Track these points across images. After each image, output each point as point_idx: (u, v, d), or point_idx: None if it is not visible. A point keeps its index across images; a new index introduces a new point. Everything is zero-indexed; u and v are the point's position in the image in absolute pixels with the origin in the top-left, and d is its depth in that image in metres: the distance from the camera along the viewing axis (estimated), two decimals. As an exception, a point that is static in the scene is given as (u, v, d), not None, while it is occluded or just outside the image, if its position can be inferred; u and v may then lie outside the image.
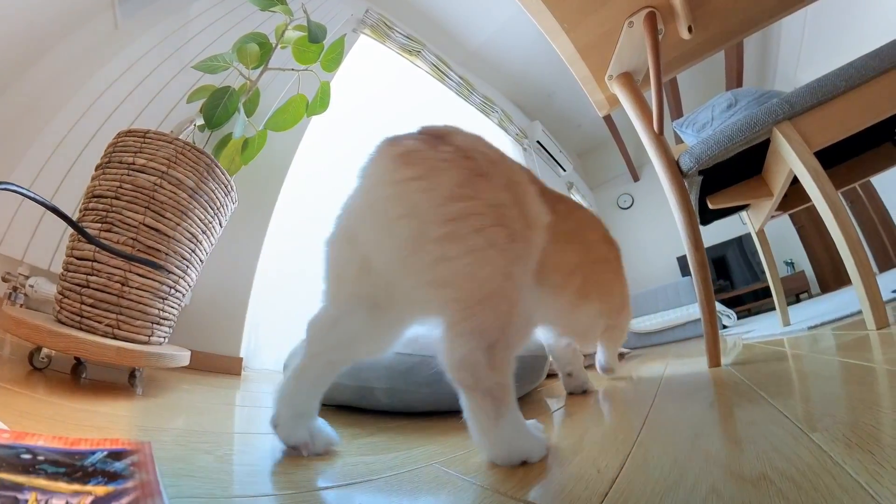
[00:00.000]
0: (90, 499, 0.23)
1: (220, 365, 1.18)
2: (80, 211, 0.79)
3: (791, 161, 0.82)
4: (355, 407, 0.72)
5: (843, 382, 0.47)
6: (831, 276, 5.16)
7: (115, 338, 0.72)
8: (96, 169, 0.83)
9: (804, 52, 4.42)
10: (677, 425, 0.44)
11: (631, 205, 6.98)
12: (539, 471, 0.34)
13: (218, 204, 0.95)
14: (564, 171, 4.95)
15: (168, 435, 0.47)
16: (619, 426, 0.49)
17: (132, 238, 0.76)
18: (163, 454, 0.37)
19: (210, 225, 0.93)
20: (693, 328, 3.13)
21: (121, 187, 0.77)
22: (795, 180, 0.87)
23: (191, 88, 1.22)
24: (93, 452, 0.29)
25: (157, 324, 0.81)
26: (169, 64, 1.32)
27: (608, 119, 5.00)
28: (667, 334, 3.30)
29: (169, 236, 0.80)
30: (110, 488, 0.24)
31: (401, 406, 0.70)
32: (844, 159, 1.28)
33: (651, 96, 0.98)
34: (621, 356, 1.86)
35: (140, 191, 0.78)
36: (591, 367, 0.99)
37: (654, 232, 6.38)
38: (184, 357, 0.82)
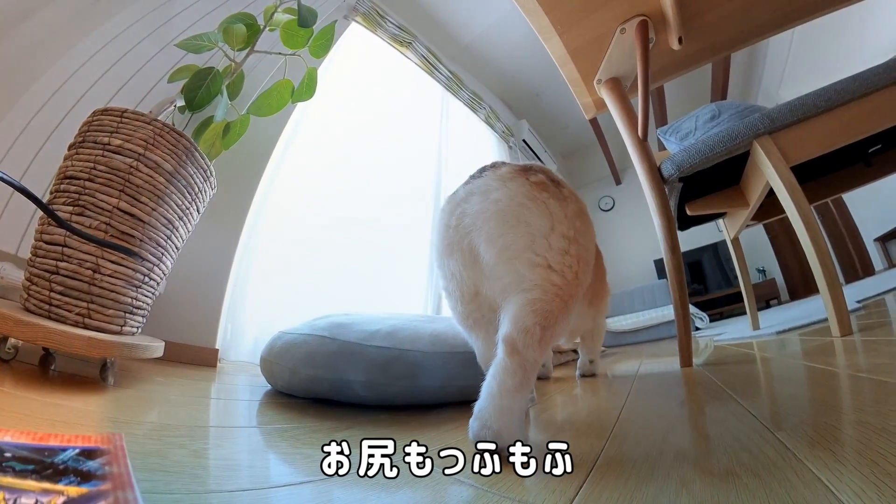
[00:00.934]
0: (62, 499, 0.22)
1: (195, 356, 1.15)
2: (51, 193, 0.75)
3: (768, 174, 0.86)
4: (333, 400, 0.72)
5: (807, 385, 0.50)
6: (800, 285, 5.44)
7: (85, 327, 0.69)
8: (69, 148, 0.78)
9: (788, 71, 4.60)
10: (650, 422, 0.46)
11: (612, 207, 7.11)
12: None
13: (196, 189, 0.92)
14: (549, 170, 5.01)
15: (141, 428, 0.45)
16: (594, 421, 0.51)
17: (105, 223, 0.72)
18: (136, 448, 0.36)
19: (187, 211, 0.90)
20: (667, 329, 3.23)
21: (95, 169, 0.73)
22: (771, 192, 0.90)
23: (172, 67, 1.17)
24: (64, 449, 0.27)
25: (130, 313, 0.78)
26: (151, 40, 1.26)
27: (594, 122, 5.07)
28: (642, 334, 3.41)
29: (144, 222, 0.77)
30: (84, 489, 0.23)
31: (379, 399, 0.70)
32: (819, 175, 1.34)
33: (637, 103, 1.00)
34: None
35: (115, 173, 0.74)
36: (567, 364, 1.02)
37: (633, 234, 6.53)
38: (158, 348, 0.80)
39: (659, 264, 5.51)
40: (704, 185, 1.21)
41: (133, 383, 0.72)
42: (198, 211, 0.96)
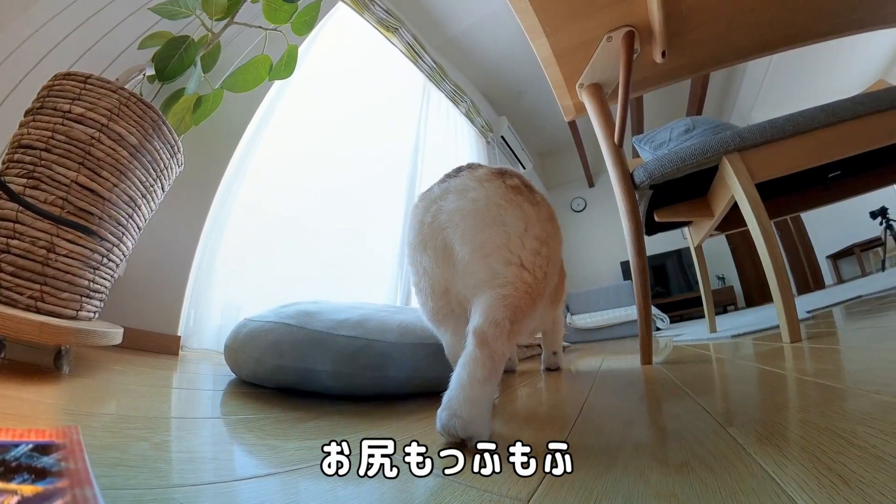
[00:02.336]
0: (16, 499, 0.21)
1: (155, 344, 1.09)
2: (3, 163, 0.70)
3: (734, 189, 0.90)
4: (299, 390, 0.71)
5: (758, 385, 0.53)
6: (756, 293, 5.85)
7: (38, 311, 0.65)
8: (25, 115, 0.73)
9: (762, 95, 4.89)
10: (611, 415, 0.48)
11: (583, 208, 7.30)
12: (480, 454, 0.36)
13: (162, 166, 0.87)
14: (524, 168, 5.05)
15: (99, 421, 0.43)
16: (557, 414, 0.53)
17: (62, 198, 0.67)
18: (94, 442, 0.35)
19: (151, 188, 0.85)
20: (629, 328, 3.37)
21: (53, 138, 0.68)
22: (735, 206, 0.95)
23: (144, 33, 1.09)
24: (16, 445, 0.26)
25: (87, 297, 0.73)
26: (122, 2, 1.17)
27: (572, 125, 5.15)
28: (605, 332, 3.53)
29: (104, 198, 0.72)
30: (39, 488, 0.22)
31: (345, 390, 0.69)
32: (781, 194, 1.43)
33: (616, 109, 1.03)
34: (563, 349, 1.98)
35: (75, 144, 0.69)
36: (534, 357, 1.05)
37: (602, 236, 6.74)
38: (116, 334, 0.76)
39: (625, 266, 5.74)
40: (673, 194, 1.27)
41: (90, 372, 0.68)
42: (162, 189, 0.91)
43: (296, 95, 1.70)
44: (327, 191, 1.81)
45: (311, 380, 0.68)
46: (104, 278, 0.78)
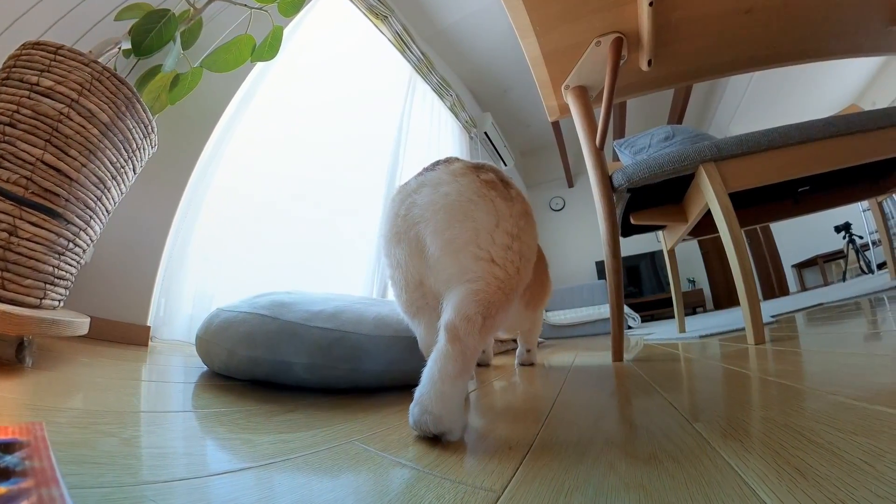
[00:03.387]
0: (-22, 501, 0.20)
1: (124, 334, 1.05)
2: (-41, 136, 0.65)
3: (708, 197, 0.94)
4: (272, 382, 0.70)
5: (723, 384, 0.56)
6: (724, 297, 6.14)
7: (-2, 298, 0.61)
8: (-13, 85, 0.68)
9: (741, 109, 5.12)
10: (582, 410, 0.49)
11: (562, 208, 7.42)
12: (454, 448, 0.37)
13: (134, 146, 0.83)
14: (506, 165, 5.08)
15: (65, 416, 0.41)
16: (530, 408, 0.53)
17: (26, 177, 0.64)
18: (60, 438, 0.34)
19: (122, 170, 0.82)
20: (602, 326, 3.46)
21: (18, 112, 0.64)
22: (708, 213, 0.99)
23: (122, 4, 1.04)
24: (-24, 444, 0.25)
25: (52, 284, 0.69)
26: None
27: (556, 125, 5.22)
28: (579, 329, 3.61)
29: (72, 178, 0.69)
30: (2, 489, 0.21)
31: (320, 382, 0.69)
32: (752, 204, 1.50)
33: (600, 113, 1.04)
34: (538, 344, 2.04)
35: (42, 119, 0.65)
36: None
37: (579, 236, 6.88)
38: (82, 324, 0.72)
39: (600, 265, 5.90)
40: (650, 198, 1.30)
41: (54, 365, 0.65)
42: (134, 171, 0.87)
43: (278, 79, 1.65)
44: (306, 178, 1.77)
45: (285, 372, 0.67)
46: (70, 264, 0.74)
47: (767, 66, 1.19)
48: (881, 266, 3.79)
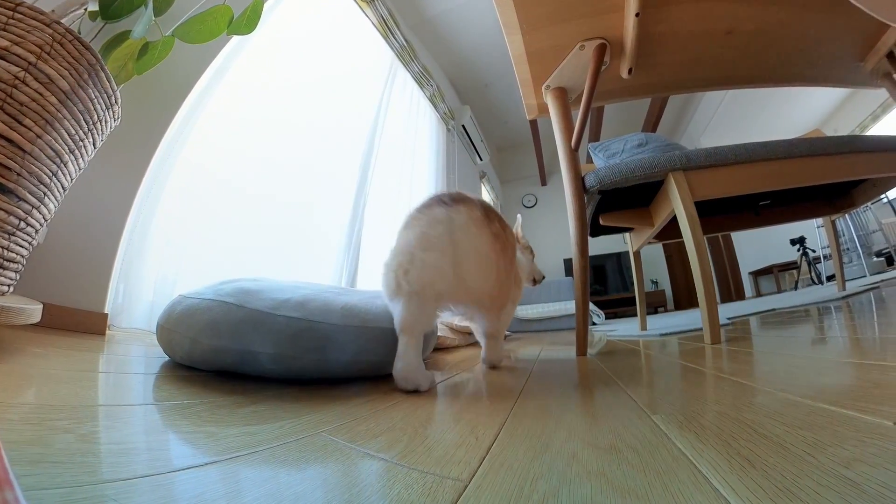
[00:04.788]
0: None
1: (79, 322, 0.98)
2: None
3: (675, 203, 0.98)
4: (237, 373, 0.68)
5: (680, 379, 0.58)
6: (684, 298, 6.48)
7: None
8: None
9: (713, 124, 5.40)
10: (546, 401, 0.50)
11: (534, 205, 7.54)
12: (422, 438, 0.37)
13: (96, 117, 0.78)
14: (481, 160, 5.10)
15: (16, 412, 0.38)
16: (497, 399, 0.54)
17: (-29, 144, 0.58)
18: (11, 437, 0.31)
19: (81, 143, 0.76)
20: (567, 321, 3.57)
21: (-36, 73, 0.58)
22: (674, 218, 1.03)
23: None
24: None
25: (1, 267, 0.64)
26: None
27: (533, 124, 5.29)
28: (545, 323, 3.71)
29: (25, 151, 0.63)
30: None
31: (287, 373, 0.67)
32: (716, 213, 1.58)
33: (577, 115, 1.06)
34: (505, 338, 2.10)
35: (-8, 82, 0.60)
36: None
37: (549, 233, 7.02)
38: (34, 311, 0.67)
39: (568, 263, 6.07)
40: (620, 201, 1.34)
41: (3, 356, 0.60)
42: (94, 144, 0.82)
43: (254, 55, 1.58)
44: (277, 161, 1.70)
45: (250, 362, 0.65)
46: (21, 245, 0.68)
47: (742, 86, 1.26)
48: (830, 278, 4.14)
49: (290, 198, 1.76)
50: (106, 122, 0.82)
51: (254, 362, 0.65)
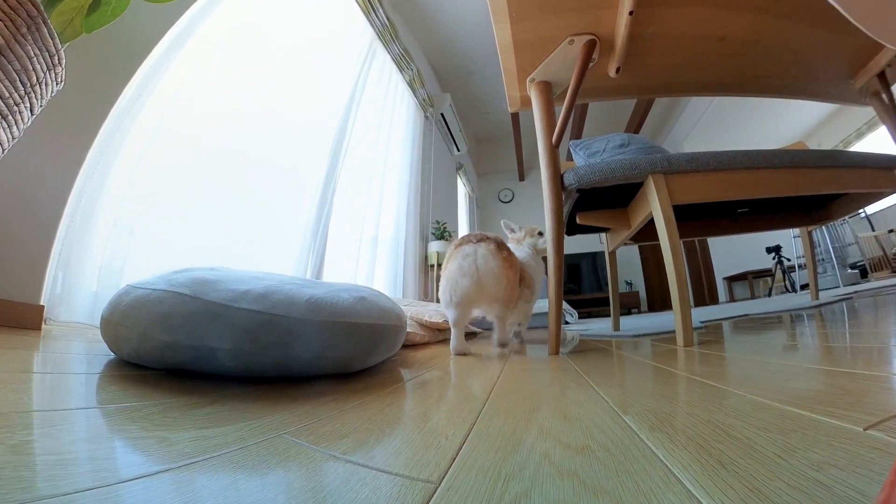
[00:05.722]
0: None
1: (11, 315, 0.91)
2: None
3: (653, 205, 1.01)
4: (192, 371, 0.65)
5: (652, 381, 0.60)
6: (658, 300, 6.76)
7: None
8: None
9: (696, 129, 5.61)
10: (517, 401, 0.51)
11: (511, 200, 7.63)
12: (390, 438, 0.37)
13: (35, 79, 0.72)
14: (458, 150, 5.10)
15: None
16: (466, 399, 0.55)
17: None
18: None
19: (16, 108, 0.70)
20: (541, 319, 3.62)
21: None
22: (651, 221, 1.06)
23: None
24: None
25: None
26: None
27: (514, 117, 5.32)
28: (519, 321, 3.77)
29: (-53, 109, 0.58)
30: None
31: (246, 370, 0.65)
32: (693, 218, 1.65)
33: (560, 111, 1.08)
34: (474, 335, 2.27)
35: None
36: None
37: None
38: None
39: (542, 261, 6.20)
40: (598, 200, 1.38)
41: None
42: (31, 110, 0.75)
43: (222, 22, 1.50)
44: (242, 141, 1.64)
45: (206, 359, 0.63)
46: None
47: (729, 94, 1.30)
48: (804, 287, 4.41)
49: (254, 181, 1.69)
50: (47, 84, 0.76)
51: (210, 359, 0.63)
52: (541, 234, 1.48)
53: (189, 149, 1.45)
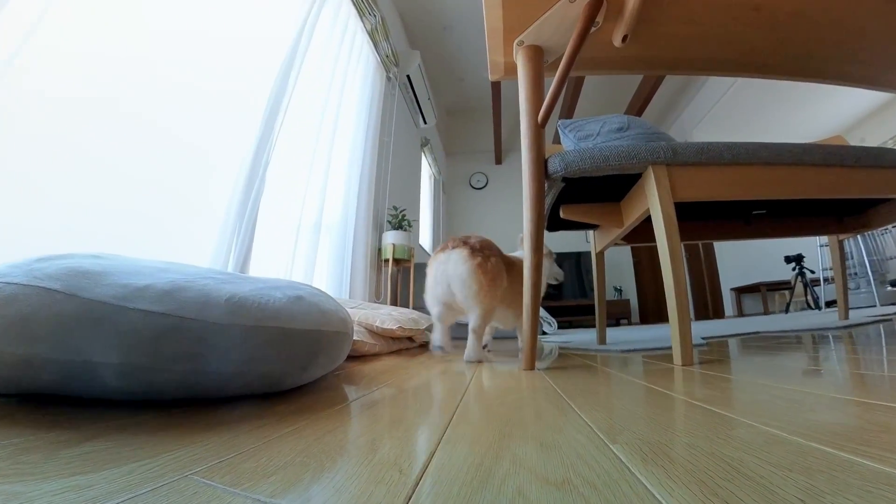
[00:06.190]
0: None
1: None
2: None
3: (652, 202, 1.04)
4: (64, 396, 0.60)
5: (644, 404, 0.61)
6: (652, 312, 7.02)
7: None
8: None
9: (711, 115, 5.80)
10: (485, 425, 0.51)
11: (484, 186, 7.71)
12: (330, 473, 0.36)
13: None
14: (425, 123, 5.07)
15: None
16: (425, 422, 0.54)
17: None
18: None
19: None
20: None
21: None
22: (648, 219, 1.10)
23: None
24: None
25: None
26: None
27: (495, 87, 5.35)
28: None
29: None
30: None
31: (142, 392, 0.61)
32: (699, 218, 1.69)
33: (551, 84, 1.08)
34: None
35: None
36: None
37: (498, 222, 7.24)
38: None
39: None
40: (586, 192, 1.41)
41: None
42: None
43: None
44: (135, 84, 1.51)
45: (84, 379, 0.58)
46: None
47: (758, 75, 1.28)
48: (830, 304, 4.54)
49: (158, 143, 1.58)
50: None
51: (90, 379, 0.58)
52: (550, 253, 1.82)
53: (67, 89, 1.33)
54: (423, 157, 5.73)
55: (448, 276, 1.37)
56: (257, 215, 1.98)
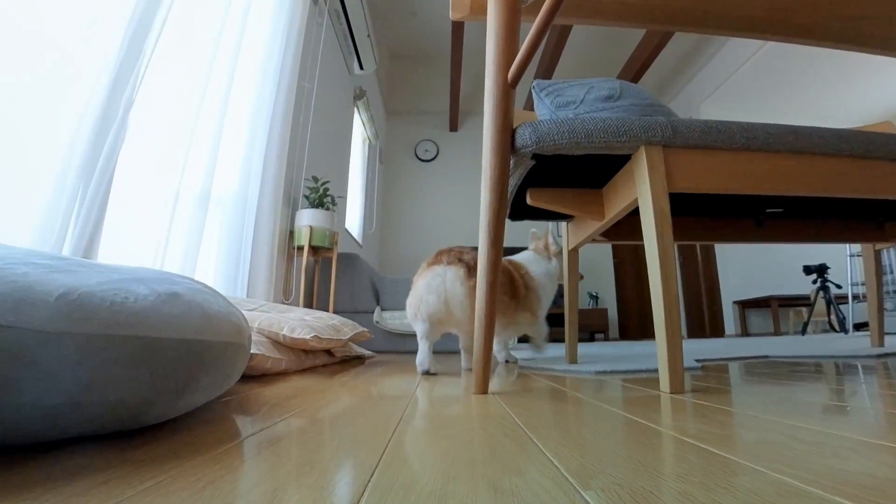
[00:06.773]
0: None
1: None
2: None
3: (641, 190, 1.07)
4: None
5: (623, 439, 0.63)
6: (635, 325, 7.26)
7: None
8: None
9: (724, 89, 5.96)
10: (425, 466, 0.51)
11: (433, 158, 7.72)
12: None
13: None
14: (362, 69, 5.01)
15: None
16: (346, 463, 0.54)
17: None
18: None
19: None
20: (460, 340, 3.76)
21: None
22: (636, 211, 1.12)
23: None
24: None
25: None
26: None
27: (457, 29, 5.29)
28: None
29: None
30: None
31: None
32: (698, 214, 1.73)
33: (528, 34, 1.06)
34: (366, 359, 2.26)
35: None
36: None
37: (448, 205, 7.28)
38: None
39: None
40: (561, 174, 1.43)
41: None
42: None
43: None
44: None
45: None
46: None
47: (794, 39, 1.26)
48: (860, 327, 4.70)
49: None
50: None
51: None
52: (559, 251, 2.18)
53: None
54: (357, 114, 5.63)
55: (447, 290, 1.74)
56: (112, 175, 1.84)
